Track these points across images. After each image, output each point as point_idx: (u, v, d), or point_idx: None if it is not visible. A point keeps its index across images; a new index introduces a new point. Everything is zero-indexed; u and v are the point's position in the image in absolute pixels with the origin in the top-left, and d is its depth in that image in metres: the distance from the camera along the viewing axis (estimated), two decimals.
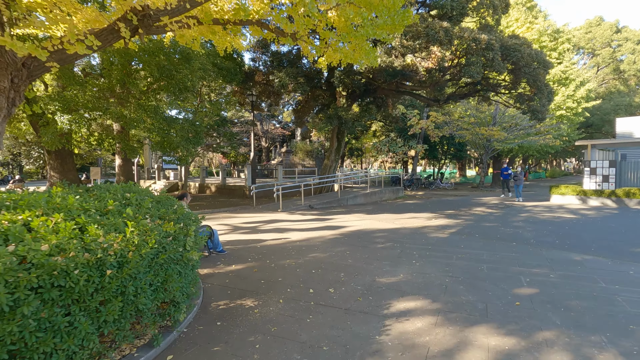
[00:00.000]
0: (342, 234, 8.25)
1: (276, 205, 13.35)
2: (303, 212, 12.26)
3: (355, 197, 15.44)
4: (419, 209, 13.08)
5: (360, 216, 11.23)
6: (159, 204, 4.17)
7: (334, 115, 14.92)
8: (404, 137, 27.97)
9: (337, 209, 13.27)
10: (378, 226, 9.32)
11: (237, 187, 17.37)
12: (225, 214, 11.77)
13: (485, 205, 14.39)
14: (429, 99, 17.67)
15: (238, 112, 39.57)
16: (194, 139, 11.64)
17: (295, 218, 10.83)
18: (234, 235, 8.26)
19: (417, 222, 10.10)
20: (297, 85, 14.03)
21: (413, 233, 8.37)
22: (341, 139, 17.75)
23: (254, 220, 10.49)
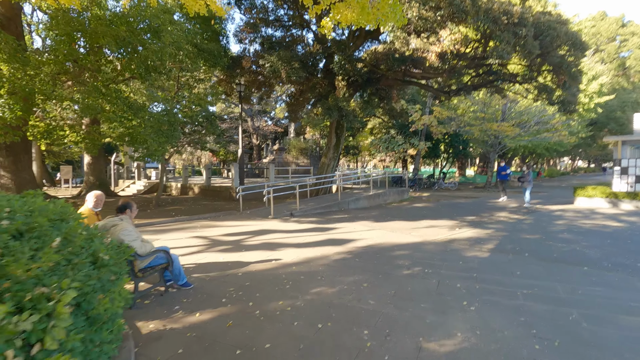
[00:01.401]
0: (351, 252, 6.35)
1: (267, 211, 11.40)
2: (299, 218, 10.33)
3: (358, 200, 13.56)
4: (433, 215, 11.25)
5: (367, 224, 9.34)
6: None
7: (334, 107, 13.01)
8: (404, 134, 26.18)
9: (338, 214, 11.37)
10: (394, 239, 7.44)
11: (223, 189, 15.37)
12: (205, 222, 9.79)
13: (505, 209, 12.62)
14: (438, 90, 15.89)
15: (228, 108, 37.47)
16: (168, 131, 9.63)
17: (289, 227, 8.90)
18: (210, 254, 6.30)
19: (438, 233, 8.25)
20: (292, 70, 12.09)
21: (442, 251, 6.50)
22: (340, 135, 15.85)
23: (239, 230, 8.53)
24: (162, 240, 7.40)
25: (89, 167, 15.60)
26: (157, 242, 7.12)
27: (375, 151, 27.67)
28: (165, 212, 11.44)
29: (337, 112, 13.20)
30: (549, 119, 22.89)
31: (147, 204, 13.28)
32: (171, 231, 8.45)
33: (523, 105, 23.21)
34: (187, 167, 18.28)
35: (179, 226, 9.17)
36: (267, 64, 12.34)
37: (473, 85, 14.96)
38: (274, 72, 12.30)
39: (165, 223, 9.58)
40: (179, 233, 8.18)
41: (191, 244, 7.09)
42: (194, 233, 8.18)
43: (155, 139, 9.18)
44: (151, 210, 11.82)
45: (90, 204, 4.73)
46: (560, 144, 23.19)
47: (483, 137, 21.24)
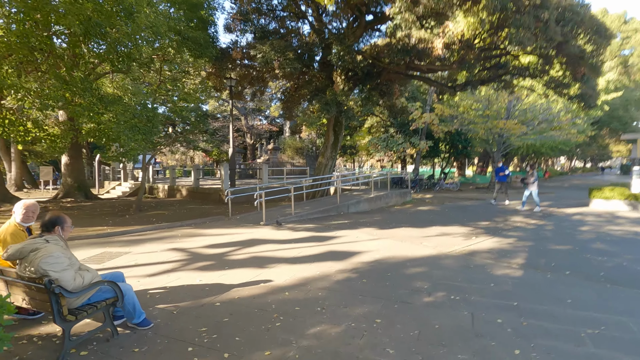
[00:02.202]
0: (356, 270, 5.28)
1: (258, 216, 10.30)
2: (294, 225, 9.25)
3: (358, 203, 12.50)
4: (442, 220, 10.22)
5: (371, 232, 8.28)
6: None
7: (333, 102, 11.94)
8: (404, 133, 25.16)
9: (337, 219, 10.31)
10: (404, 251, 6.38)
11: (213, 191, 14.24)
12: (188, 230, 8.67)
13: (519, 213, 11.63)
14: (443, 84, 14.87)
15: (220, 107, 36.29)
16: (145, 127, 8.50)
17: (282, 236, 7.82)
18: (186, 273, 5.20)
19: (454, 242, 7.21)
20: (286, 61, 11.01)
21: (464, 267, 5.45)
22: (339, 133, 14.78)
23: (225, 240, 7.43)
24: (131, 254, 6.28)
25: (67, 168, 14.38)
26: (120, 259, 6.01)
27: (373, 151, 26.63)
28: (146, 217, 10.30)
29: (335, 108, 12.13)
30: (553, 117, 22.01)
31: (127, 208, 12.12)
32: (146, 242, 7.33)
33: (527, 102, 22.29)
34: (175, 168, 17.10)
35: (157, 235, 8.04)
36: (258, 55, 11.23)
37: (481, 80, 13.94)
38: (266, 63, 11.20)
39: (141, 231, 8.45)
40: (154, 244, 7.06)
41: (165, 259, 5.97)
42: (172, 244, 7.06)
43: (130, 136, 8.04)
44: (130, 215, 10.67)
45: (18, 217, 3.61)
46: (565, 143, 22.35)
47: (487, 135, 20.27)
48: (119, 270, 4.15)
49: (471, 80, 13.97)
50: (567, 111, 22.26)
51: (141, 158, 18.08)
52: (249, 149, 33.33)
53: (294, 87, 16.97)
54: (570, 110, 22.16)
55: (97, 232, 8.04)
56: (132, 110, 8.15)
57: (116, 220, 9.78)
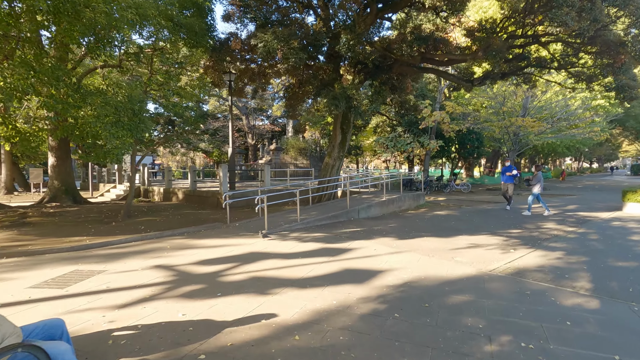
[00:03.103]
0: (383, 298, 4.16)
1: (260, 223, 9.20)
2: (300, 234, 8.13)
3: (369, 208, 11.38)
4: (466, 227, 9.08)
5: (390, 243, 7.15)
6: None
7: (342, 96, 10.82)
8: (413, 132, 24.01)
9: (348, 226, 9.18)
10: (437, 270, 5.25)
11: (211, 194, 13.15)
12: (179, 240, 7.57)
13: (549, 219, 10.47)
14: (460, 78, 13.73)
15: (221, 106, 35.28)
16: (131, 123, 7.42)
17: (287, 248, 6.70)
18: (166, 303, 4.09)
19: (491, 257, 6.08)
20: (290, 51, 9.92)
21: (519, 294, 4.32)
22: (346, 131, 13.66)
23: (220, 255, 6.32)
24: (106, 274, 5.18)
25: (53, 170, 13.32)
26: (89, 282, 4.90)
27: (381, 151, 25.47)
28: (134, 225, 9.21)
29: (344, 103, 11.02)
30: (571, 115, 20.84)
31: (115, 214, 11.03)
32: (127, 256, 6.23)
33: (543, 99, 21.13)
34: (171, 170, 16.02)
35: (142, 247, 6.94)
36: (260, 44, 10.14)
37: (501, 73, 12.80)
38: (268, 54, 10.10)
39: (125, 243, 7.35)
40: (136, 260, 5.96)
41: (145, 280, 4.87)
42: (158, 259, 5.95)
43: (113, 133, 6.97)
44: (117, 222, 9.59)
45: None
46: (584, 142, 21.15)
47: (502, 134, 19.10)
48: (64, 315, 3.05)
49: (491, 73, 12.84)
50: (586, 108, 21.08)
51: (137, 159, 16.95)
52: (250, 149, 32.27)
53: (297, 83, 15.85)
54: (589, 107, 20.97)
55: (73, 244, 6.95)
56: (115, 103, 7.06)
57: (100, 229, 8.69)
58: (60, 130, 7.63)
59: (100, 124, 6.72)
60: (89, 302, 4.11)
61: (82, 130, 7.11)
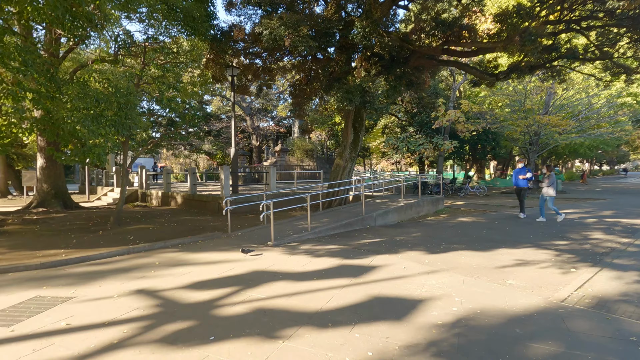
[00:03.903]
0: (437, 348, 3.01)
1: (265, 232, 8.10)
2: (312, 246, 7.01)
3: (386, 214, 10.24)
4: (500, 237, 7.90)
5: (420, 259, 6.00)
6: None
7: (356, 89, 9.72)
8: (425, 133, 22.85)
9: (366, 236, 8.05)
10: (492, 298, 4.11)
11: (211, 198, 12.07)
12: (171, 254, 6.47)
13: (589, 227, 9.25)
14: (483, 72, 12.58)
15: (225, 107, 34.35)
16: (116, 118, 6.36)
17: (298, 266, 5.58)
18: (138, 354, 2.98)
19: (550, 278, 4.92)
20: (299, 39, 8.85)
21: (621, 340, 3.16)
22: (359, 129, 12.53)
23: (217, 274, 5.21)
24: (72, 303, 4.09)
25: (42, 172, 12.33)
26: (47, 315, 3.81)
27: (391, 152, 24.32)
28: (122, 234, 8.14)
29: (359, 97, 9.91)
30: (592, 113, 19.57)
31: (106, 220, 9.97)
32: (106, 276, 5.14)
33: (565, 96, 19.86)
34: (170, 172, 14.98)
35: (127, 264, 5.85)
36: (265, 31, 9.07)
37: (530, 66, 11.63)
38: (274, 42, 9.02)
39: (107, 258, 6.27)
40: (115, 282, 4.87)
41: (118, 314, 3.77)
42: (141, 281, 4.86)
43: (93, 129, 5.91)
44: (105, 231, 8.52)
45: None
46: (607, 142, 19.88)
47: (523, 133, 17.88)
48: None
49: (519, 65, 11.68)
50: (611, 107, 19.79)
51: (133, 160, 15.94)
52: (254, 151, 31.26)
53: (305, 79, 14.81)
54: (614, 105, 19.68)
55: (46, 260, 5.88)
56: (95, 94, 6.00)
57: (83, 239, 7.63)
58: (31, 124, 6.61)
59: (75, 118, 5.67)
60: (34, 352, 3.02)
61: (56, 125, 6.09)
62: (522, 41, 8.13)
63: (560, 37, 11.87)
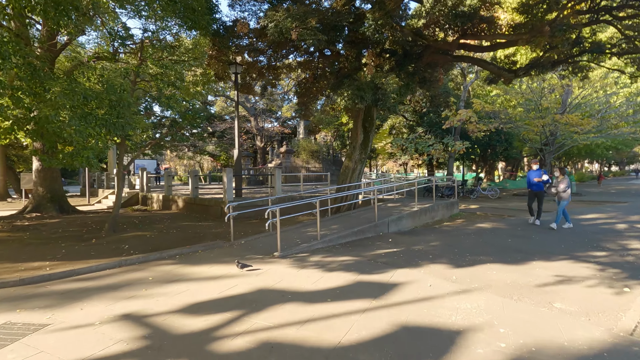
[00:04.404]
0: None
1: (270, 241, 7.46)
2: (323, 257, 6.35)
3: (399, 220, 9.55)
4: (529, 247, 7.19)
5: (446, 274, 5.32)
6: None
7: (368, 86, 9.07)
8: (434, 133, 22.13)
9: (380, 245, 7.38)
10: (544, 330, 3.42)
11: (213, 202, 11.46)
12: (166, 268, 5.84)
13: (628, 235, 8.50)
14: (501, 68, 11.86)
15: (229, 107, 33.84)
16: (107, 117, 5.76)
17: (310, 283, 4.92)
18: None
19: (604, 302, 4.22)
20: (307, 32, 8.22)
21: None
22: (369, 129, 11.86)
23: (217, 294, 4.57)
24: (43, 333, 3.45)
25: (38, 175, 11.80)
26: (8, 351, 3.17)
27: (399, 153, 23.60)
28: (117, 243, 7.53)
29: (371, 95, 9.25)
30: (609, 112, 18.73)
31: (100, 227, 9.37)
32: (90, 295, 4.52)
33: (581, 94, 19.04)
34: (171, 174, 14.40)
35: (116, 279, 5.23)
36: (270, 24, 8.45)
37: (552, 62, 10.92)
38: (280, 35, 8.38)
39: (96, 272, 5.65)
40: (98, 303, 4.24)
41: (94, 350, 3.13)
42: (129, 303, 4.23)
43: (81, 130, 5.31)
44: (98, 239, 7.92)
45: None
46: (626, 143, 19.05)
47: (539, 133, 17.11)
48: None
49: (539, 61, 10.96)
50: (630, 106, 18.94)
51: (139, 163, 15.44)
52: (259, 152, 30.68)
53: (311, 77, 14.18)
54: (634, 104, 18.83)
55: (27, 274, 5.28)
56: (83, 90, 5.38)
57: (73, 249, 7.03)
58: (9, 126, 6.01)
59: (60, 117, 5.08)
60: None
61: (41, 125, 5.50)
62: (552, 32, 7.42)
63: (583, 30, 11.14)
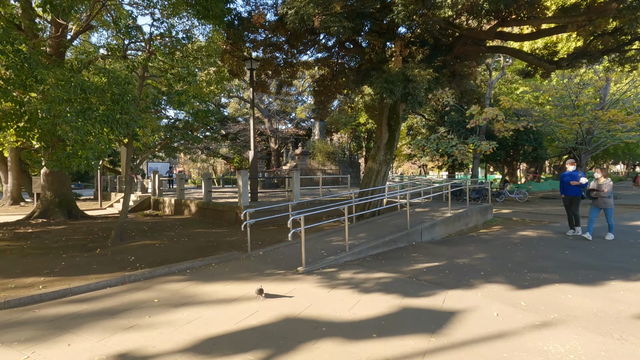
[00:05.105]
0: None
1: (292, 252, 6.61)
2: (355, 273, 5.47)
3: (433, 227, 8.59)
4: (595, 262, 6.14)
5: (511, 298, 4.36)
6: None
7: (398, 78, 8.16)
8: (458, 133, 21.00)
9: (417, 257, 6.45)
10: None
11: (227, 208, 10.69)
12: (175, 287, 5.05)
13: None
14: (541, 59, 10.77)
15: (242, 109, 33.32)
16: (108, 113, 5.03)
17: (345, 311, 4.04)
18: None
19: None
20: (331, 19, 7.39)
21: None
22: (395, 128, 10.93)
23: (234, 324, 3.73)
24: None
25: (46, 179, 11.27)
26: None
27: (420, 154, 22.54)
28: (122, 254, 6.80)
29: (401, 88, 8.34)
30: None
31: (107, 234, 8.68)
32: (82, 323, 3.74)
33: (615, 88, 17.68)
34: (183, 177, 13.75)
35: (116, 301, 4.45)
36: (289, 11, 7.65)
37: (601, 50, 9.81)
38: (301, 22, 7.57)
39: (94, 290, 4.89)
40: (90, 336, 3.45)
41: None
42: (128, 335, 3.42)
43: (79, 127, 4.60)
44: (103, 249, 7.21)
45: None
46: None
47: (575, 132, 15.87)
48: None
49: (587, 50, 9.87)
50: None
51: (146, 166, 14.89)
52: (273, 154, 30.00)
53: (330, 74, 13.35)
54: None
55: (16, 294, 4.55)
56: (80, 81, 4.65)
57: (75, 261, 6.32)
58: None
59: (55, 110, 4.36)
60: None
61: (32, 121, 4.81)
62: (617, 11, 6.37)
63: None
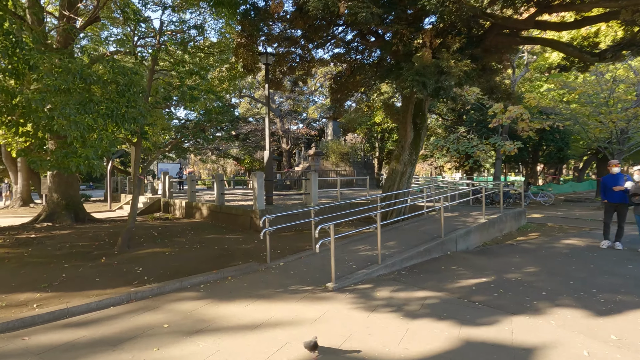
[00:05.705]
0: None
1: (316, 263, 5.91)
2: (393, 291, 4.73)
3: (467, 235, 7.79)
4: None
5: (590, 326, 3.57)
6: None
7: (430, 71, 7.40)
8: (478, 132, 20.07)
9: (458, 272, 5.68)
10: None
11: (241, 212, 10.02)
12: (187, 306, 4.38)
13: None
14: (581, 50, 9.88)
15: (253, 109, 32.82)
16: (112, 107, 4.41)
17: (393, 345, 3.31)
18: None
19: None
20: (358, 5, 6.69)
21: None
22: (421, 126, 10.16)
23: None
24: None
25: (53, 180, 10.79)
26: None
27: (439, 155, 21.65)
28: (128, 264, 6.17)
29: (433, 82, 7.57)
30: None
31: (115, 240, 8.07)
32: (77, 356, 3.08)
33: None
34: (194, 179, 13.16)
35: (119, 326, 3.79)
36: None
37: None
38: (325, 9, 6.88)
39: (95, 310, 4.25)
40: None
41: None
42: None
43: (79, 120, 3.98)
44: (109, 257, 6.60)
45: None
46: None
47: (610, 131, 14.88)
48: None
49: (635, 40, 8.95)
50: None
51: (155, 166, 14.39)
52: (284, 155, 29.40)
53: (349, 70, 12.65)
54: None
55: (3, 315, 3.93)
56: (80, 68, 4.03)
57: (77, 271, 5.71)
58: None
59: (51, 101, 3.75)
60: None
61: (27, 113, 4.22)
62: None
63: None
